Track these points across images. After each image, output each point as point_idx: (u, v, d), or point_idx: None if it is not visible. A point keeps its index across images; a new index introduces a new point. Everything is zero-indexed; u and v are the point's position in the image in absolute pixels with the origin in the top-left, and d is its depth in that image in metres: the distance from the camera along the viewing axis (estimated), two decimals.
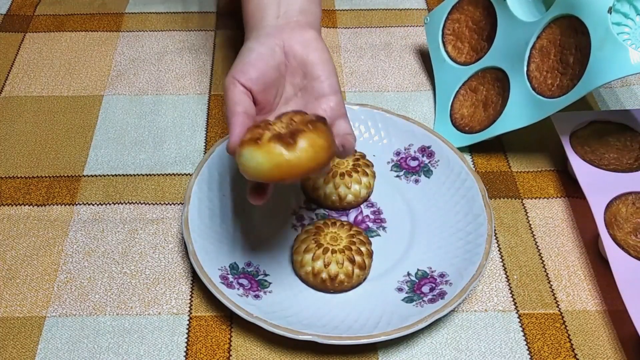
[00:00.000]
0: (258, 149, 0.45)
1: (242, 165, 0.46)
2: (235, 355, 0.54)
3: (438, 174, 0.66)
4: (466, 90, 0.72)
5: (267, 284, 0.57)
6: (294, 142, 0.44)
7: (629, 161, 0.65)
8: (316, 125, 0.46)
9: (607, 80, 0.58)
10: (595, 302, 0.58)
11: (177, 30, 0.85)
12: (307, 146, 0.44)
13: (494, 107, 0.68)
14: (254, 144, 0.45)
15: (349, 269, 0.56)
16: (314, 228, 0.59)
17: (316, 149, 0.45)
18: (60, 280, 0.59)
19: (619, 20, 0.60)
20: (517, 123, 0.65)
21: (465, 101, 0.71)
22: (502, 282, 0.59)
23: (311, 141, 0.45)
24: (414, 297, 0.56)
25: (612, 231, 0.59)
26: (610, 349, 0.55)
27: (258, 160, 0.45)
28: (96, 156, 0.69)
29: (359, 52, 0.82)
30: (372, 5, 0.89)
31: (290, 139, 0.44)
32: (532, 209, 0.65)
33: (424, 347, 0.55)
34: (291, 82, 0.55)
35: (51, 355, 0.54)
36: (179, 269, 0.60)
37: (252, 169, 0.45)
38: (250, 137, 0.46)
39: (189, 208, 0.59)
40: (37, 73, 0.78)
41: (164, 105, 0.75)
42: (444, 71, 0.75)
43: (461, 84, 0.72)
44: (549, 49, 0.63)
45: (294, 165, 0.45)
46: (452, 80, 0.74)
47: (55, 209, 0.64)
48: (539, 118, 0.63)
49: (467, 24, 0.74)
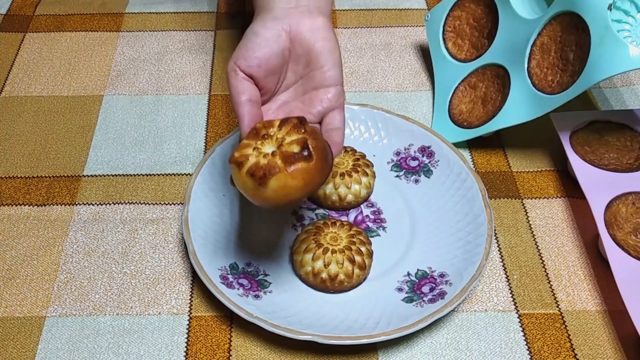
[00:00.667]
0: (238, 175, 0.47)
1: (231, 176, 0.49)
2: (235, 355, 0.54)
3: (438, 174, 0.66)
4: (465, 87, 0.72)
5: (267, 284, 0.57)
6: (264, 183, 0.46)
7: (629, 161, 0.65)
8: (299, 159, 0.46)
9: (606, 75, 0.58)
10: (595, 302, 0.58)
11: (177, 30, 0.85)
12: (277, 188, 0.46)
13: (493, 103, 0.68)
14: (236, 167, 0.47)
15: (349, 269, 0.56)
16: (314, 228, 0.59)
17: (287, 191, 0.46)
18: (60, 280, 0.59)
19: (619, 17, 0.60)
20: (517, 119, 0.65)
21: (464, 97, 0.71)
22: (502, 282, 0.59)
23: (282, 183, 0.46)
24: (414, 297, 0.56)
25: (612, 231, 0.59)
26: (610, 349, 0.55)
27: (238, 184, 0.48)
28: (96, 156, 0.69)
29: (359, 52, 0.82)
30: (372, 5, 0.89)
31: (262, 179, 0.46)
32: (532, 209, 0.65)
33: (424, 347, 0.55)
34: (294, 68, 0.54)
35: (51, 355, 0.54)
36: (179, 269, 0.60)
37: (237, 186, 0.49)
38: (237, 156, 0.47)
39: (189, 208, 0.59)
40: (37, 73, 0.78)
41: (164, 105, 0.75)
42: (443, 68, 0.75)
43: (460, 80, 0.73)
44: (549, 46, 0.64)
45: (265, 199, 0.46)
46: (451, 77, 0.74)
47: (55, 209, 0.64)
48: (539, 114, 0.63)
49: (468, 21, 0.74)
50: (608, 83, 0.78)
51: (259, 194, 0.46)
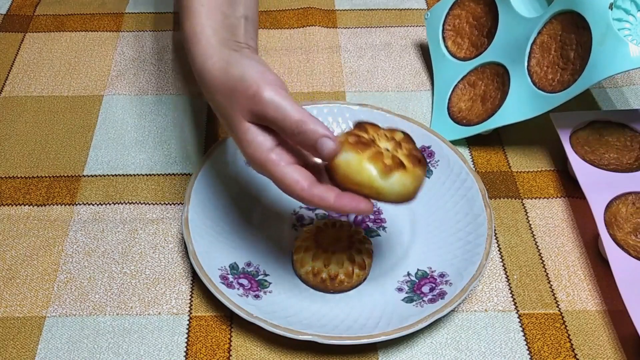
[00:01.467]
0: (356, 157, 0.45)
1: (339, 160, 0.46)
2: (235, 355, 0.54)
3: (438, 174, 0.66)
4: (464, 85, 0.72)
5: (267, 284, 0.57)
6: (389, 174, 0.44)
7: (629, 161, 0.65)
8: (423, 164, 0.47)
9: (608, 74, 0.58)
10: (595, 302, 0.58)
11: (177, 30, 0.85)
12: (398, 183, 0.45)
13: (492, 101, 0.68)
14: (353, 148, 0.45)
15: (349, 268, 0.56)
16: (314, 228, 0.59)
17: (403, 190, 0.45)
18: (60, 280, 0.59)
19: (620, 16, 0.60)
20: (517, 117, 0.65)
21: (463, 95, 0.71)
22: (502, 282, 0.59)
23: (404, 180, 0.45)
24: (414, 297, 0.56)
25: (612, 231, 0.59)
26: (610, 349, 0.55)
27: (348, 167, 0.45)
28: (96, 156, 0.69)
29: (359, 52, 0.82)
30: (372, 5, 0.89)
31: (389, 168, 0.44)
32: (532, 209, 0.65)
33: (424, 347, 0.55)
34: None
35: (51, 355, 0.54)
36: (179, 269, 0.60)
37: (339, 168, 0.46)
38: (354, 140, 0.46)
39: (189, 208, 0.59)
40: (37, 73, 0.78)
41: (164, 105, 0.75)
42: (443, 66, 0.75)
43: (460, 78, 0.73)
44: (549, 45, 0.64)
45: (378, 190, 0.45)
46: (451, 75, 0.74)
47: (55, 209, 0.64)
48: (539, 112, 0.64)
49: (467, 19, 0.74)
50: (609, 82, 0.78)
51: (374, 183, 0.45)
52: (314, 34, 0.84)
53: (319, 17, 0.86)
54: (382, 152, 0.46)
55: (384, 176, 0.44)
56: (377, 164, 0.45)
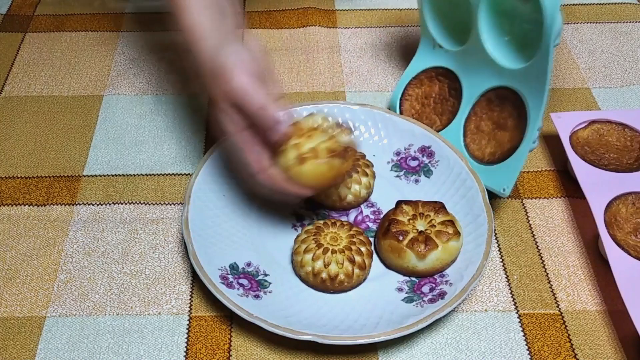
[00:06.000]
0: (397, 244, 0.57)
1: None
2: (235, 355, 0.54)
3: (438, 174, 0.66)
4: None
5: (267, 284, 0.57)
6: (425, 255, 0.57)
7: (629, 161, 0.65)
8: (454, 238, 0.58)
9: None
10: (595, 302, 0.58)
11: (177, 30, 0.84)
12: (432, 258, 0.57)
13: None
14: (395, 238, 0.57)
15: (349, 269, 0.56)
16: (314, 228, 0.59)
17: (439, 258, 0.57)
18: (60, 280, 0.59)
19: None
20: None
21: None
22: (502, 282, 0.59)
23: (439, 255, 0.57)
24: (414, 297, 0.56)
25: (612, 231, 0.59)
26: (610, 349, 0.55)
27: (387, 246, 0.58)
28: (96, 156, 0.69)
29: (359, 52, 0.82)
30: (372, 5, 0.89)
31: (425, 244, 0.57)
32: (532, 209, 0.65)
33: (424, 347, 0.55)
34: None
35: (51, 355, 0.54)
36: (179, 269, 0.60)
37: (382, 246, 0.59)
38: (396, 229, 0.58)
39: (189, 208, 0.59)
40: (37, 73, 0.78)
41: (164, 105, 0.75)
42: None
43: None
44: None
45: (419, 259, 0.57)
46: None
47: (55, 209, 0.64)
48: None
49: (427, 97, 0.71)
50: (609, 82, 0.78)
51: (407, 258, 0.57)
52: (314, 34, 0.84)
53: (319, 17, 0.86)
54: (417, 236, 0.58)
55: (422, 254, 0.56)
56: (413, 246, 0.57)
